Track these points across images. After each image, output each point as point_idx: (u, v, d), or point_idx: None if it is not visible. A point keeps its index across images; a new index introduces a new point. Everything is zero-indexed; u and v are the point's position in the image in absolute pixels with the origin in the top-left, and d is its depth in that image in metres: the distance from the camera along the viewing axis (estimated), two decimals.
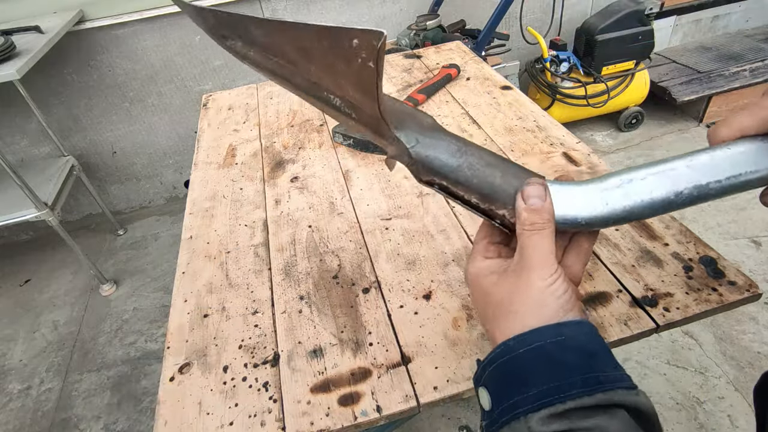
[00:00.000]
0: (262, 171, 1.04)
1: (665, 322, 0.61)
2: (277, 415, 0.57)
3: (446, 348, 0.62)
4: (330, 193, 0.94)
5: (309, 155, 1.07)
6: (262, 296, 0.73)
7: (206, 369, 0.64)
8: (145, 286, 2.16)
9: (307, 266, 0.77)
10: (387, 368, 0.61)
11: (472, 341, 0.62)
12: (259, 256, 0.81)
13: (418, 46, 2.10)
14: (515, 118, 1.08)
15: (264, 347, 0.65)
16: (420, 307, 0.68)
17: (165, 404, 0.61)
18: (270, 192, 0.97)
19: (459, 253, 0.76)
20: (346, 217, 0.87)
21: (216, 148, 1.15)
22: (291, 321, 0.69)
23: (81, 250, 2.00)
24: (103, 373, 1.81)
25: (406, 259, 0.76)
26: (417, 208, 0.87)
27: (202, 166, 1.09)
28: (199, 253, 0.84)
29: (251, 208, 0.93)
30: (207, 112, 1.33)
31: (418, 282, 0.72)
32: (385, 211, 0.87)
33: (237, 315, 0.71)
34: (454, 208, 0.85)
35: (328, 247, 0.81)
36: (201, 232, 0.89)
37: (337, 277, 0.75)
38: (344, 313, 0.68)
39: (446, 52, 1.47)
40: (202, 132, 1.23)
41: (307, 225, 0.86)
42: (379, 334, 0.65)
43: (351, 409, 0.57)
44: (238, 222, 0.90)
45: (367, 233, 0.83)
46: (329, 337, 0.65)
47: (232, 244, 0.85)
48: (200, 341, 0.68)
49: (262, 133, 1.19)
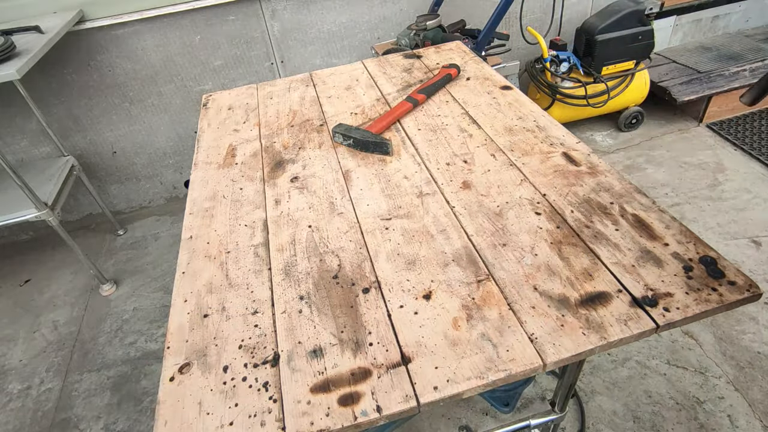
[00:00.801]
0: (262, 171, 1.04)
1: (665, 322, 0.61)
2: (277, 415, 0.57)
3: (446, 348, 0.62)
4: (330, 193, 0.94)
5: (309, 155, 1.07)
6: (262, 296, 0.73)
7: (206, 369, 0.64)
8: (145, 286, 2.17)
9: (307, 266, 0.77)
10: (387, 368, 0.61)
11: (472, 341, 0.62)
12: (259, 256, 0.81)
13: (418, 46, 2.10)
14: (515, 118, 1.08)
15: (264, 347, 0.65)
16: (420, 307, 0.68)
17: (165, 404, 0.61)
18: (270, 192, 0.97)
19: (459, 253, 0.76)
20: (346, 217, 0.87)
21: (216, 148, 1.15)
22: (291, 321, 0.69)
23: (81, 250, 2.00)
24: (103, 373, 1.81)
25: (406, 259, 0.76)
26: (417, 208, 0.87)
27: (202, 166, 1.09)
28: (199, 253, 0.84)
29: (251, 208, 0.93)
30: (207, 112, 1.33)
31: (418, 282, 0.72)
32: (385, 211, 0.87)
33: (237, 315, 0.71)
34: (454, 208, 0.85)
35: (328, 247, 0.81)
36: (201, 232, 0.89)
37: (337, 277, 0.75)
38: (344, 313, 0.68)
39: (446, 52, 1.47)
40: (202, 132, 1.23)
41: (307, 225, 0.86)
42: (379, 334, 0.65)
43: (351, 409, 0.57)
44: (238, 222, 0.90)
45: (367, 233, 0.83)
46: (329, 337, 0.65)
47: (232, 244, 0.85)
48: (200, 341, 0.68)
49: (262, 133, 1.19)
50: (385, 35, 2.48)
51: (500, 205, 0.84)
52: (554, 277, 0.69)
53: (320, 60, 2.45)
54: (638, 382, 1.50)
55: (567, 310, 0.64)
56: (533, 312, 0.65)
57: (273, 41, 2.35)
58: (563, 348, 0.60)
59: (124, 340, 1.93)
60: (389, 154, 1.03)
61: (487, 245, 0.77)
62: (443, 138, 1.04)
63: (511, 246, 0.76)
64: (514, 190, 0.87)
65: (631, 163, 2.40)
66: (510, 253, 0.74)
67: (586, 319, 0.63)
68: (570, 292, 0.67)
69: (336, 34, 2.41)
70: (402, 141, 1.06)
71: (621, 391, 1.48)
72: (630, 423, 1.40)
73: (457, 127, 1.07)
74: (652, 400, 1.45)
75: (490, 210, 0.84)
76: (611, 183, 0.85)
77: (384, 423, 0.57)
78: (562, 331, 0.62)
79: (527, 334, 0.62)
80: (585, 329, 0.62)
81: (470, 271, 0.72)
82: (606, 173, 0.87)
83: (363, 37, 2.46)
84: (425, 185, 0.92)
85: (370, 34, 2.46)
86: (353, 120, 1.17)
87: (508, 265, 0.72)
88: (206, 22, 2.22)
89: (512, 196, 0.86)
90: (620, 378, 1.52)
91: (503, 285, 0.69)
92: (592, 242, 0.74)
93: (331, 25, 2.38)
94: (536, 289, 0.68)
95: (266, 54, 2.36)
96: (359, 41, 2.46)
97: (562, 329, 0.62)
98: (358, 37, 2.45)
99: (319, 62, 2.45)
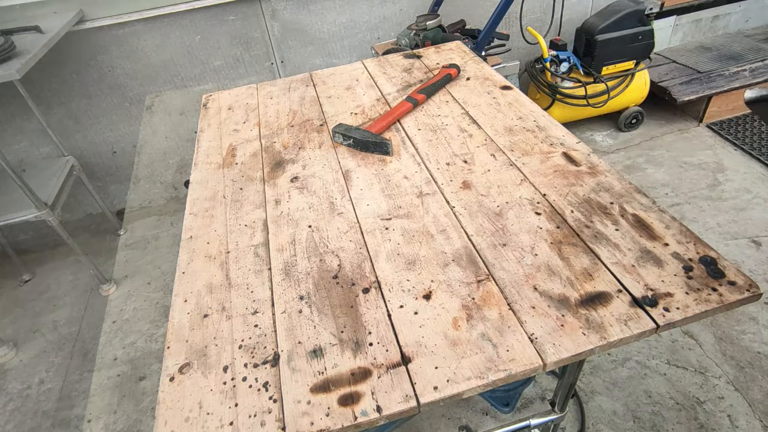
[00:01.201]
0: (262, 171, 1.04)
1: (665, 322, 0.61)
2: (277, 415, 0.57)
3: (446, 348, 0.62)
4: (330, 193, 0.94)
5: (309, 155, 1.07)
6: (262, 296, 0.73)
7: (206, 369, 0.64)
8: (145, 287, 2.17)
9: (307, 266, 0.77)
10: (387, 368, 0.61)
11: (472, 341, 0.62)
12: (259, 256, 0.81)
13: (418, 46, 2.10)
14: (515, 118, 1.08)
15: (264, 347, 0.66)
16: (420, 307, 0.68)
17: (165, 404, 0.61)
18: (270, 192, 0.97)
19: (459, 253, 0.76)
20: (346, 217, 0.87)
21: (216, 148, 1.15)
22: (291, 321, 0.69)
23: (81, 250, 2.00)
24: (103, 372, 1.81)
25: (406, 259, 0.76)
26: (417, 208, 0.87)
27: (202, 166, 1.09)
28: (199, 253, 0.84)
29: (251, 208, 0.93)
30: (207, 112, 1.33)
31: (418, 282, 0.72)
32: (385, 211, 0.87)
33: (237, 315, 0.71)
34: (454, 208, 0.85)
35: (328, 247, 0.81)
36: (201, 232, 0.89)
37: (337, 277, 0.75)
38: (344, 313, 0.68)
39: (446, 52, 1.47)
40: (202, 132, 1.23)
41: (307, 225, 0.86)
42: (379, 334, 0.65)
43: (351, 409, 0.57)
44: (238, 222, 0.90)
45: (367, 233, 0.83)
46: (329, 337, 0.65)
47: (232, 244, 0.85)
48: (200, 341, 0.68)
49: (262, 133, 1.19)
50: (385, 35, 2.49)
51: (500, 205, 0.84)
52: (554, 277, 0.69)
53: (320, 60, 2.45)
54: (638, 382, 1.50)
55: (567, 310, 0.64)
56: (533, 312, 0.65)
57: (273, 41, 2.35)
58: (563, 348, 0.60)
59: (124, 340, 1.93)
60: (389, 154, 1.03)
61: (487, 245, 0.77)
62: (443, 138, 1.04)
63: (511, 246, 0.76)
64: (514, 190, 0.87)
65: (631, 163, 2.40)
66: (510, 253, 0.74)
67: (586, 319, 0.63)
68: (570, 292, 0.67)
69: (336, 34, 2.41)
70: (402, 141, 1.06)
71: (621, 391, 1.48)
72: (630, 423, 1.40)
73: (457, 127, 1.07)
74: (652, 400, 1.45)
75: (490, 210, 0.84)
76: (611, 183, 0.85)
77: (384, 423, 0.57)
78: (562, 331, 0.62)
79: (527, 334, 0.62)
80: (585, 329, 0.62)
81: (470, 271, 0.72)
82: (606, 173, 0.87)
83: (363, 37, 2.46)
84: (425, 185, 0.92)
85: (370, 34, 2.47)
86: (353, 120, 1.17)
87: (508, 265, 0.73)
88: (206, 22, 2.22)
89: (512, 196, 0.86)
90: (620, 378, 1.52)
91: (503, 285, 0.69)
92: (592, 242, 0.74)
93: (331, 25, 2.38)
94: (536, 289, 0.68)
95: (266, 54, 2.36)
96: (359, 41, 2.46)
97: (562, 329, 0.62)
98: (358, 37, 2.45)
99: (319, 62, 2.45)
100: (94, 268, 2.09)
